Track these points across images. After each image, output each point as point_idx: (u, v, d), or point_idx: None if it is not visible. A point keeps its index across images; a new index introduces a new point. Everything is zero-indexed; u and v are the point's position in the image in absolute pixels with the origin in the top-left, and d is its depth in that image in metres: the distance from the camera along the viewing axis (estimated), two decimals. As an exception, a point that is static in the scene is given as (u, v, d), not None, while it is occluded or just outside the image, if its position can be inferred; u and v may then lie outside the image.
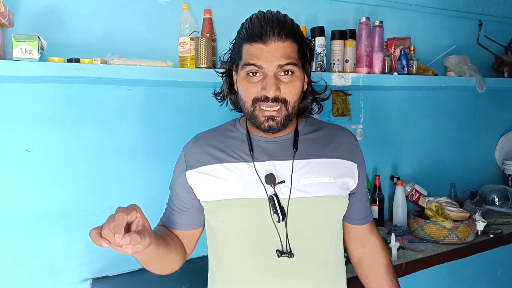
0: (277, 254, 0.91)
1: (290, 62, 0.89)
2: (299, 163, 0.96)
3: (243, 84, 0.92)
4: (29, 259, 1.32)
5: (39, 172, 1.32)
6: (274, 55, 0.88)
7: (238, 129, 1.02)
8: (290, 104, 0.91)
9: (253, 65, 0.89)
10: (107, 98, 1.40)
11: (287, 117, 0.92)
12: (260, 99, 0.90)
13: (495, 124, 2.41)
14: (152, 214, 1.48)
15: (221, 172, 0.96)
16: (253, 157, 0.96)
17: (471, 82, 1.93)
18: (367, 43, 1.67)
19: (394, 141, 2.05)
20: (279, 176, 0.94)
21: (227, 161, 0.96)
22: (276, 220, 0.91)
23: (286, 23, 0.90)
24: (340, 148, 1.01)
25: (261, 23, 0.88)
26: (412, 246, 1.68)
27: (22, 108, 1.29)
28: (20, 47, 1.07)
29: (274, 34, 0.87)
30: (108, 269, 1.43)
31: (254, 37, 0.88)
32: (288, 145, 0.98)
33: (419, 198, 1.96)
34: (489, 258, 1.89)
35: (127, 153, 1.45)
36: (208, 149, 0.99)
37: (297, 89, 0.92)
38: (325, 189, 0.95)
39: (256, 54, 0.88)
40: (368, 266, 1.11)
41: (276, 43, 0.88)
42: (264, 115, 0.91)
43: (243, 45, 0.92)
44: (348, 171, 1.00)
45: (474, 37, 2.26)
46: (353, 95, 1.89)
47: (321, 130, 1.04)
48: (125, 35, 1.41)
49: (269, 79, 0.89)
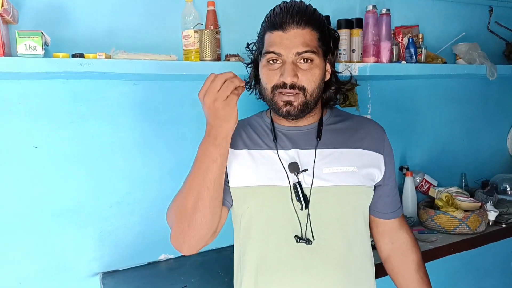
0: (296, 239, 0.92)
1: (308, 50, 0.90)
2: (323, 152, 0.96)
3: (264, 72, 0.95)
4: (40, 254, 1.34)
5: (48, 168, 1.33)
6: (293, 42, 0.89)
7: (264, 120, 1.04)
8: (308, 91, 0.92)
9: (272, 53, 0.91)
10: (113, 93, 1.40)
11: (304, 104, 0.93)
12: (279, 86, 0.92)
13: (506, 112, 2.36)
14: (161, 208, 1.48)
15: (248, 159, 0.97)
16: (277, 145, 0.97)
17: (482, 69, 1.89)
18: (374, 32, 1.64)
19: (403, 131, 2.02)
20: (302, 164, 0.95)
21: (253, 148, 0.98)
22: (299, 208, 0.93)
23: (307, 11, 0.92)
24: (366, 139, 1.01)
25: (282, 11, 0.91)
26: (423, 237, 1.66)
27: (29, 104, 1.29)
28: (24, 43, 1.07)
29: (294, 21, 0.90)
30: (118, 264, 1.44)
31: (275, 25, 0.91)
32: (312, 134, 0.99)
33: (429, 189, 1.93)
34: (501, 248, 1.87)
35: (134, 147, 1.45)
36: (237, 134, 1.00)
37: (315, 77, 0.93)
38: (348, 178, 0.95)
39: (276, 42, 0.91)
40: (398, 264, 1.09)
41: (295, 30, 0.90)
42: (282, 100, 0.92)
43: (265, 34, 0.94)
44: (373, 162, 0.99)
45: (484, 23, 2.21)
46: (360, 85, 1.86)
47: (346, 121, 1.04)
48: (129, 29, 1.40)
49: (287, 66, 0.90)
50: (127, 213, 1.46)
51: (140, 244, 1.48)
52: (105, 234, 1.43)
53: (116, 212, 1.44)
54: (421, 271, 1.07)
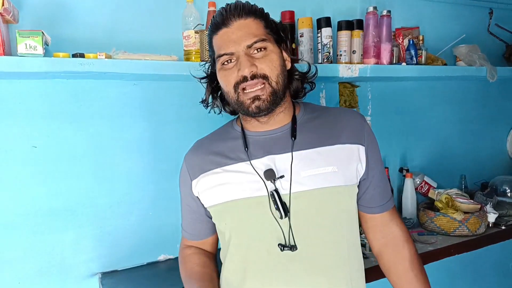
0: (280, 248, 0.89)
1: (257, 40, 0.88)
2: (299, 154, 0.92)
3: (221, 75, 0.92)
4: (38, 254, 1.34)
5: (47, 168, 1.33)
6: (239, 35, 0.88)
7: (234, 128, 1.01)
8: (272, 78, 0.89)
9: (224, 54, 0.89)
10: (113, 93, 1.40)
11: (272, 93, 0.89)
12: (240, 82, 0.88)
13: (506, 114, 2.36)
14: (161, 209, 1.49)
15: (222, 176, 0.95)
16: (249, 154, 0.93)
17: (482, 71, 1.90)
18: (374, 34, 1.64)
19: (403, 133, 2.02)
20: (279, 170, 0.91)
21: (226, 164, 0.95)
22: (279, 217, 0.89)
23: (246, 4, 0.92)
24: (343, 132, 0.95)
25: (221, 12, 0.91)
26: (422, 239, 1.66)
27: (29, 104, 1.29)
28: (24, 43, 1.07)
29: (234, 14, 0.89)
30: (117, 264, 1.44)
31: (218, 25, 0.91)
32: (287, 136, 0.94)
33: (429, 190, 1.93)
34: (501, 250, 1.86)
35: (134, 148, 1.45)
36: (207, 156, 0.98)
37: (274, 62, 0.89)
38: (328, 180, 0.90)
39: (223, 40, 0.89)
40: (389, 260, 1.01)
41: (238, 21, 0.89)
42: (248, 97, 0.89)
43: (212, 38, 0.93)
44: (353, 156, 0.94)
45: (484, 25, 2.21)
46: (360, 87, 1.87)
47: (322, 116, 0.99)
48: (130, 29, 1.40)
49: (242, 58, 0.88)
50: (126, 213, 1.45)
51: (139, 244, 1.48)
52: (104, 234, 1.42)
53: (115, 212, 1.44)
54: (416, 268, 0.99)
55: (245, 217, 0.93)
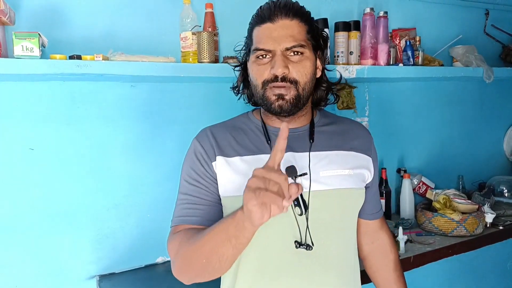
0: (295, 245, 0.90)
1: (297, 44, 0.88)
2: (318, 155, 0.94)
3: (253, 68, 0.92)
4: (37, 256, 1.33)
5: (44, 170, 1.32)
6: (282, 34, 0.88)
7: (253, 121, 1.00)
8: (300, 84, 0.89)
9: (262, 50, 0.89)
10: (110, 95, 1.40)
11: (297, 97, 0.90)
12: (270, 80, 0.89)
13: (503, 115, 2.38)
14: (159, 211, 1.49)
15: (241, 166, 0.92)
16: (272, 147, 0.91)
17: (478, 72, 1.90)
18: (371, 35, 1.65)
19: (401, 134, 2.03)
20: (299, 168, 0.90)
21: (246, 154, 0.93)
22: (298, 214, 0.88)
23: (295, 5, 0.92)
24: (356, 142, 1.01)
25: (270, 6, 0.91)
26: (420, 239, 1.66)
27: (25, 106, 1.29)
28: (20, 45, 1.07)
29: (282, 12, 0.89)
30: (115, 266, 1.43)
31: (263, 18, 0.90)
32: (305, 137, 0.96)
33: (427, 191, 1.94)
34: (499, 250, 1.87)
35: (131, 149, 1.45)
36: (225, 140, 0.95)
37: (307, 69, 0.90)
38: (345, 181, 0.94)
39: (265, 35, 0.89)
40: (376, 262, 1.12)
41: (284, 20, 0.89)
42: (274, 93, 0.89)
43: (254, 29, 0.93)
44: (364, 164, 1.00)
45: (480, 26, 2.23)
46: (358, 88, 1.87)
47: (336, 124, 1.03)
48: (127, 31, 1.40)
49: (277, 58, 0.88)
50: (125, 215, 1.45)
51: (137, 246, 1.47)
52: (102, 236, 1.42)
53: (113, 215, 1.43)
54: (398, 270, 1.11)
55: None
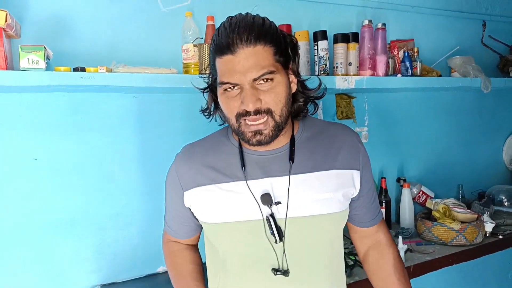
0: (273, 272, 0.89)
1: (265, 72, 0.81)
2: (297, 178, 0.90)
3: (222, 100, 0.86)
4: (38, 266, 1.34)
5: (47, 180, 1.34)
6: (246, 67, 0.80)
7: (231, 141, 0.96)
8: (276, 113, 0.84)
9: (227, 83, 0.83)
10: (113, 105, 1.42)
11: (275, 127, 0.85)
12: (242, 114, 0.83)
13: (501, 124, 2.39)
14: (160, 220, 1.49)
15: (217, 194, 0.91)
16: (246, 175, 0.90)
17: (476, 82, 1.92)
18: (370, 46, 1.67)
19: (400, 143, 2.04)
20: (276, 194, 0.89)
21: (221, 181, 0.91)
22: (274, 242, 0.88)
23: (255, 25, 0.82)
24: (340, 155, 0.94)
25: (227, 30, 0.81)
26: (420, 249, 1.67)
27: (29, 117, 1.31)
28: (27, 58, 1.09)
29: (242, 40, 0.80)
30: (116, 276, 1.44)
31: (222, 48, 0.82)
32: (285, 157, 0.91)
33: (426, 200, 1.94)
34: (499, 260, 1.87)
35: (133, 160, 1.46)
36: (201, 169, 0.94)
37: (280, 95, 0.84)
38: (324, 207, 0.90)
39: (228, 69, 0.82)
40: (374, 263, 1.04)
41: (245, 49, 0.80)
42: (250, 130, 0.85)
43: (215, 59, 0.86)
44: (348, 181, 0.95)
45: (478, 37, 2.25)
46: (357, 98, 1.89)
47: (320, 134, 0.97)
48: (130, 43, 1.43)
49: (246, 92, 0.81)
50: (126, 224, 1.46)
51: (138, 256, 1.48)
52: (103, 245, 1.43)
53: (114, 224, 1.44)
54: (399, 272, 1.00)
55: (241, 240, 0.92)
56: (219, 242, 0.95)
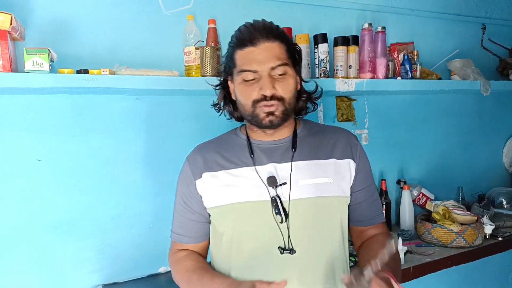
0: (280, 251, 0.95)
1: (281, 63, 0.95)
2: (299, 164, 1.00)
3: (240, 89, 0.98)
4: (41, 266, 1.35)
5: (50, 181, 1.35)
6: (265, 56, 0.94)
7: (239, 136, 1.07)
8: (286, 101, 0.96)
9: (248, 71, 0.95)
10: (115, 107, 1.43)
11: (284, 112, 0.96)
12: (259, 100, 0.95)
13: (501, 127, 2.40)
14: (161, 221, 1.51)
15: (226, 179, 1.00)
16: (254, 161, 1.00)
17: (476, 85, 1.94)
18: (370, 49, 1.69)
19: (400, 145, 2.05)
20: (280, 178, 0.98)
21: (230, 168, 1.01)
22: (279, 221, 0.95)
23: (273, 27, 0.98)
24: (337, 148, 1.04)
25: (249, 29, 0.96)
26: (420, 250, 1.68)
27: (33, 118, 1.32)
28: (31, 60, 1.11)
29: (263, 36, 0.94)
30: (118, 276, 1.45)
31: (244, 42, 0.96)
32: (288, 147, 1.02)
33: (426, 202, 1.95)
34: (500, 262, 1.87)
35: (135, 161, 1.48)
36: (211, 157, 1.03)
37: (291, 87, 0.97)
38: (324, 190, 0.98)
39: (249, 58, 0.95)
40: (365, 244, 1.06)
41: (266, 44, 0.95)
42: (264, 111, 0.96)
43: (235, 52, 0.98)
44: (345, 170, 1.03)
45: (477, 40, 2.27)
46: (357, 100, 1.91)
47: (319, 133, 1.07)
48: (132, 46, 1.45)
49: (265, 79, 0.94)
50: (128, 225, 1.47)
51: (140, 256, 1.49)
52: (105, 246, 1.44)
53: (116, 225, 1.45)
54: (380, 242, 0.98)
55: (249, 219, 0.98)
56: (227, 223, 0.99)
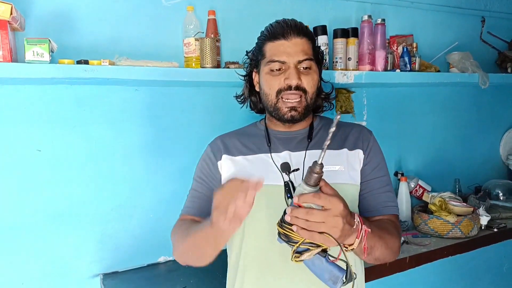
0: None
1: (307, 58, 1.01)
2: (312, 153, 1.04)
3: (266, 79, 1.03)
4: (42, 256, 1.37)
5: (51, 172, 1.36)
6: (294, 50, 1.00)
7: (259, 128, 1.13)
8: (309, 94, 1.02)
9: (277, 61, 1.00)
10: (115, 98, 1.44)
11: (306, 107, 1.02)
12: (283, 89, 1.00)
13: (499, 120, 2.42)
14: (161, 212, 1.53)
15: (243, 164, 1.06)
16: (270, 148, 1.06)
17: (474, 78, 1.94)
18: (369, 41, 1.69)
19: (398, 138, 2.06)
20: (294, 164, 1.03)
21: (248, 154, 1.07)
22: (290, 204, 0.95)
23: (302, 25, 1.05)
24: (349, 140, 1.08)
25: (282, 25, 1.03)
26: (416, 241, 1.70)
27: (33, 109, 1.33)
28: (32, 50, 1.11)
29: (294, 31, 1.01)
30: (118, 265, 1.47)
31: (276, 35, 1.02)
32: (303, 138, 1.07)
33: (423, 194, 1.97)
34: (495, 253, 1.90)
35: (135, 152, 1.49)
36: (231, 143, 1.10)
37: (314, 81, 1.03)
38: (336, 176, 1.01)
39: (279, 50, 1.01)
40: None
41: (296, 39, 1.01)
42: (286, 106, 1.01)
43: (266, 44, 1.04)
44: (356, 159, 1.06)
45: (476, 33, 2.27)
46: (356, 93, 1.91)
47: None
48: (132, 37, 1.45)
49: (292, 70, 1.00)
50: (128, 216, 1.49)
51: (139, 246, 1.51)
52: (105, 236, 1.45)
53: (116, 215, 1.47)
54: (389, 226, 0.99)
55: (263, 201, 0.99)
56: None
